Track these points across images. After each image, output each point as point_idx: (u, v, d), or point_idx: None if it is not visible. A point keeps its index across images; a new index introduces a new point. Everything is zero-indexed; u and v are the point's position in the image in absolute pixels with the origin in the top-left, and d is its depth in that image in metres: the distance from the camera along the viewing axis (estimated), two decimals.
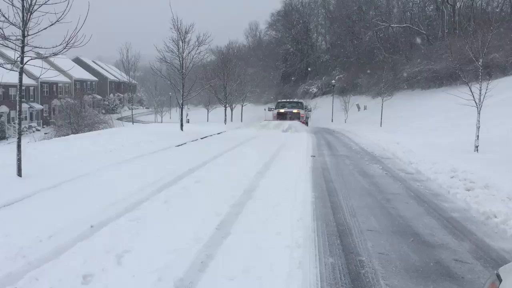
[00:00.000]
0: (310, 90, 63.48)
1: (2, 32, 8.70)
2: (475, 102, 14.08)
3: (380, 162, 13.35)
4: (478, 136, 13.87)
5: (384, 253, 5.32)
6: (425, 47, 44.02)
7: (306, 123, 34.26)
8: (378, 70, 41.46)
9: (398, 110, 34.91)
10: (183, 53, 22.57)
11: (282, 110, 34.81)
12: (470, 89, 14.12)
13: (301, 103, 37.46)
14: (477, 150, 13.67)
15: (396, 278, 4.58)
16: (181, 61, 22.56)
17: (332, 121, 44.17)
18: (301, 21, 71.04)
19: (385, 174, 11.23)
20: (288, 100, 40.38)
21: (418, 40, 47.53)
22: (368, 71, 48.06)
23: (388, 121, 31.38)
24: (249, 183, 9.25)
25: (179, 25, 22.39)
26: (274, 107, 37.19)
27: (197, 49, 23.34)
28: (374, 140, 19.97)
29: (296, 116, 33.46)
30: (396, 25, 51.05)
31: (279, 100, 39.30)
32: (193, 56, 23.19)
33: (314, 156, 14.60)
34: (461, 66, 16.93)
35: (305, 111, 35.72)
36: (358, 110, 45.91)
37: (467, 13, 42.49)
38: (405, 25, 49.83)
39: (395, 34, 52.10)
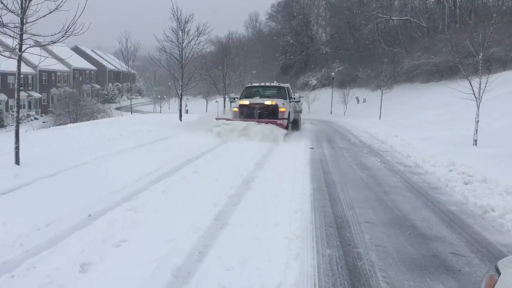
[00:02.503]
0: (310, 82, 63.38)
1: (0, 20, 8.65)
2: (475, 96, 14.06)
3: (378, 155, 13.34)
4: (477, 130, 13.86)
5: (382, 245, 5.32)
6: (425, 40, 43.87)
7: (295, 123, 20.90)
8: (378, 63, 41.38)
9: (397, 103, 34.86)
10: (182, 43, 22.52)
11: (246, 102, 18.10)
12: (470, 83, 14.09)
13: (283, 89, 20.13)
14: (476, 144, 13.67)
15: (393, 270, 4.59)
16: (180, 51, 22.49)
17: (331, 113, 44.17)
18: (301, 13, 70.72)
19: (384, 166, 11.24)
20: (261, 84, 21.43)
21: (418, 33, 47.36)
22: (368, 64, 47.95)
23: (387, 114, 31.35)
24: (248, 174, 9.24)
25: (178, 15, 22.34)
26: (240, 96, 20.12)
27: (197, 39, 23.29)
28: (372, 132, 19.97)
29: (271, 113, 17.42)
30: (396, 18, 50.86)
31: (247, 85, 22.27)
32: (192, 46, 23.14)
33: (313, 148, 14.59)
34: (461, 60, 16.88)
35: (290, 102, 19.35)
36: (358, 103, 45.89)
37: (468, 7, 42.29)
38: (405, 18, 49.64)
39: (396, 27, 51.94)
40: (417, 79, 41.25)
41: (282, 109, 17.16)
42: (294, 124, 20.00)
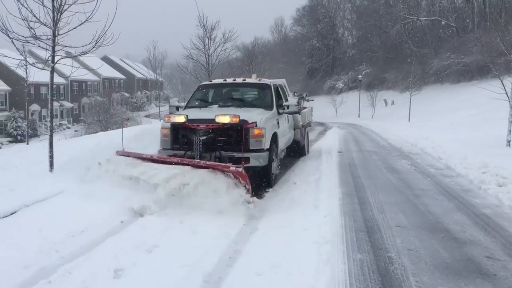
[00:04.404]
0: (337, 85, 63.02)
1: (33, 32, 8.95)
2: (507, 95, 13.74)
3: (408, 158, 13.16)
4: (510, 130, 13.54)
5: (414, 249, 5.24)
6: (455, 40, 43.13)
7: (297, 147, 12.70)
8: (406, 64, 40.89)
9: (426, 105, 34.32)
10: (209, 50, 22.71)
11: (180, 119, 8.21)
12: (502, 82, 13.79)
13: (266, 90, 10.27)
14: (510, 145, 13.36)
15: (426, 275, 4.51)
16: (207, 58, 22.68)
17: (358, 116, 43.79)
18: (327, 16, 70.51)
19: (414, 169, 11.07)
20: (228, 81, 11.02)
21: (447, 33, 46.57)
22: (396, 66, 47.39)
23: (416, 116, 30.89)
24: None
25: (205, 22, 22.55)
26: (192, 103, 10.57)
27: (223, 45, 23.46)
28: (402, 135, 19.70)
29: (234, 140, 8.12)
30: (424, 18, 50.17)
31: (204, 82, 11.76)
32: (219, 53, 23.32)
33: (341, 152, 14.49)
34: (492, 59, 16.52)
35: (281, 114, 9.93)
36: (386, 105, 45.38)
37: (498, 5, 41.37)
38: (433, 18, 48.94)
39: (423, 27, 51.18)
40: (447, 80, 40.55)
41: (256, 132, 8.13)
42: (295, 149, 12.49)
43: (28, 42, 9.24)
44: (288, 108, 9.70)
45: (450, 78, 39.99)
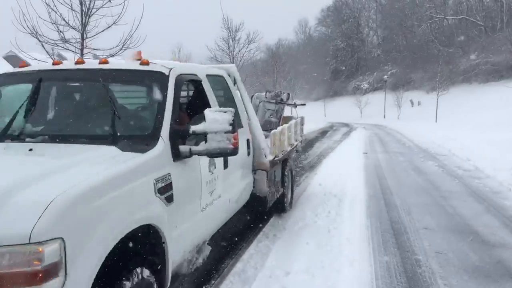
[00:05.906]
0: (361, 86, 62.52)
1: (63, 36, 9.18)
2: None
3: (435, 159, 12.96)
4: None
5: (442, 252, 5.16)
6: (483, 39, 42.29)
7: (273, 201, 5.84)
8: (432, 64, 40.32)
9: (454, 105, 33.75)
10: (233, 51, 22.86)
11: None
12: None
13: (149, 83, 3.54)
14: None
15: (455, 278, 4.43)
16: (231, 60, 22.82)
17: (384, 117, 43.33)
18: (351, 16, 70.08)
19: (441, 171, 10.89)
20: (67, 65, 3.91)
21: (475, 32, 45.72)
22: (422, 66, 46.76)
23: (443, 117, 30.40)
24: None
25: (229, 24, 22.71)
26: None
27: (247, 47, 23.58)
28: (428, 136, 19.43)
29: None
30: (451, 17, 49.37)
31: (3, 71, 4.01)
32: (243, 54, 23.46)
33: (367, 153, 14.38)
34: None
35: (191, 150, 3.20)
36: (412, 106, 44.81)
37: None
38: (461, 16, 48.12)
39: (450, 27, 50.37)
40: (475, 80, 39.80)
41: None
42: (255, 210, 5.80)
43: (57, 45, 9.48)
44: (206, 141, 3.20)
45: (479, 78, 39.23)
